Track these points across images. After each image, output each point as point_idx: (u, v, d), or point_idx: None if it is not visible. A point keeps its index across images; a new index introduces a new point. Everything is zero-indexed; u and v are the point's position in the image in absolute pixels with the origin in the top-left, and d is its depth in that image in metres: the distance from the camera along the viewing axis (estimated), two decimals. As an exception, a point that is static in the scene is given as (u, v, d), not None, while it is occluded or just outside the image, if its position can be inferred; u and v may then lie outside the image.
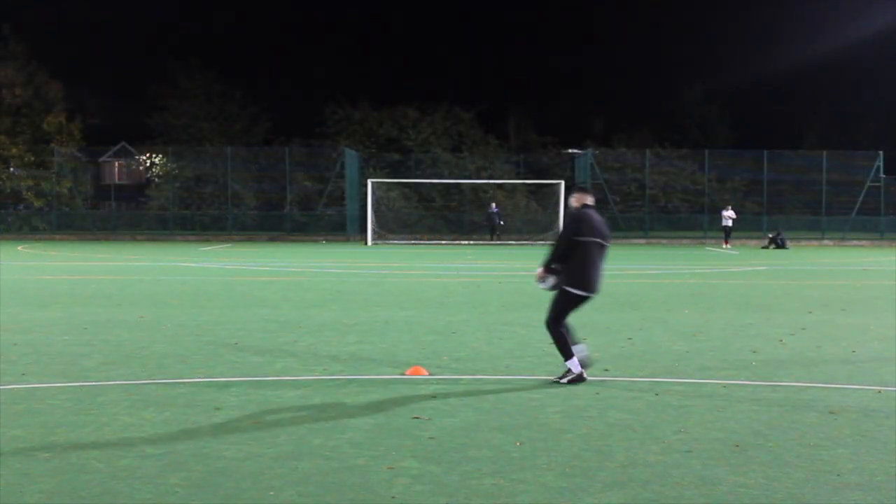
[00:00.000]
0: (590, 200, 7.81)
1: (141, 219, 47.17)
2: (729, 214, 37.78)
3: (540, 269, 7.65)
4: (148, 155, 54.53)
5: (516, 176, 48.81)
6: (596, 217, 7.67)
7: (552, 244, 7.67)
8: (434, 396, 7.10)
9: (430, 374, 7.96)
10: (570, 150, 54.13)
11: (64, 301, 14.04)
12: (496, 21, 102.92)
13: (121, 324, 11.31)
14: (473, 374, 7.96)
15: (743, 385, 7.68)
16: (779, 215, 43.01)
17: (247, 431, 5.97)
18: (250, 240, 42.05)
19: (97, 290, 15.85)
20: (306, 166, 47.03)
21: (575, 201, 7.80)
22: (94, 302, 13.96)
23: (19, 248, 33.25)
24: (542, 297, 15.24)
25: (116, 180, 61.55)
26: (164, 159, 50.08)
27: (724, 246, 37.22)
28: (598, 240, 7.55)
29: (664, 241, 42.18)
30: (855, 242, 41.64)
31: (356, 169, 45.08)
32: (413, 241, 39.90)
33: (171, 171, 47.72)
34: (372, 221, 38.49)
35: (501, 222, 41.44)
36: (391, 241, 39.10)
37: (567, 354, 7.64)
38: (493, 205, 41.91)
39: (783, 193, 46.31)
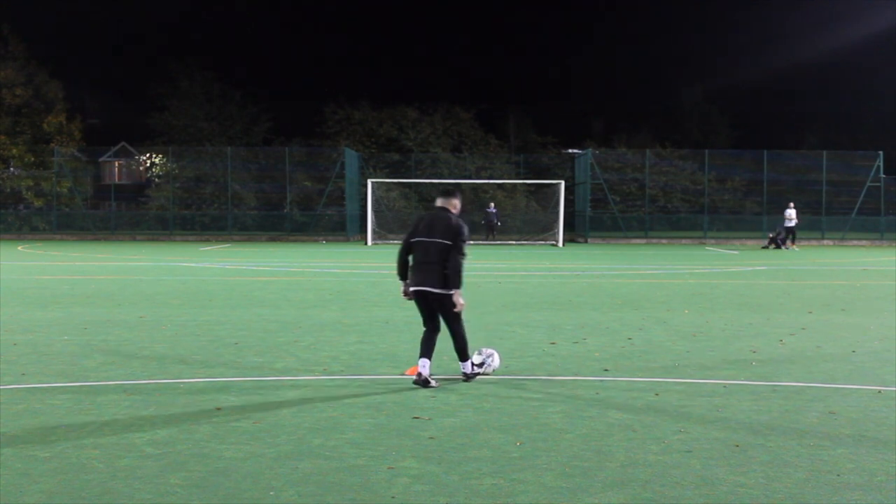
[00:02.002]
0: (440, 202, 7.83)
1: (141, 219, 47.15)
2: (791, 214, 35.78)
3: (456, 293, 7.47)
4: (148, 155, 54.52)
5: (516, 176, 48.80)
6: (427, 218, 7.71)
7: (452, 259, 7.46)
8: (434, 396, 7.10)
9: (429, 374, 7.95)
10: (570, 150, 54.14)
11: (64, 301, 14.04)
12: (496, 21, 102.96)
13: (121, 324, 11.31)
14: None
15: (743, 385, 7.68)
16: (779, 215, 42.99)
17: (247, 431, 5.98)
18: (250, 240, 42.05)
19: (97, 290, 15.85)
20: (306, 166, 47.02)
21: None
22: (94, 302, 13.96)
23: (19, 248, 33.25)
24: (542, 297, 15.30)
25: (116, 180, 61.50)
26: (164, 159, 50.07)
27: (791, 247, 35.38)
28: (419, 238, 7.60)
29: (664, 241, 42.18)
30: (855, 242, 41.63)
31: (356, 169, 45.08)
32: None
33: (171, 171, 47.70)
34: (372, 221, 38.48)
35: (499, 223, 41.45)
36: (391, 241, 39.09)
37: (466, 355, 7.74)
38: (492, 205, 41.93)
39: (783, 193, 46.30)
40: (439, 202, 7.78)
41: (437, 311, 7.55)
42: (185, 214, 45.71)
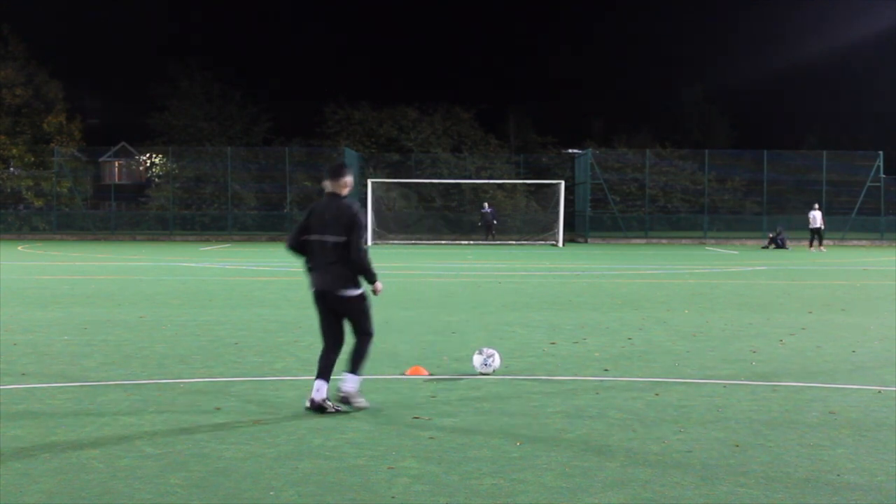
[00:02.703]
0: (328, 186, 6.72)
1: (141, 219, 47.15)
2: (817, 216, 34.41)
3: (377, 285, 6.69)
4: (148, 155, 54.51)
5: (516, 176, 48.80)
6: (318, 210, 6.67)
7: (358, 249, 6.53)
8: (434, 396, 7.10)
9: (430, 374, 7.96)
10: (570, 150, 54.12)
11: (64, 301, 14.04)
12: (496, 21, 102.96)
13: (121, 324, 11.31)
14: (473, 375, 7.96)
15: (743, 385, 7.68)
16: (779, 215, 42.98)
17: (247, 431, 5.98)
18: (250, 240, 42.05)
19: (97, 290, 15.85)
20: (306, 166, 47.02)
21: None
22: (94, 302, 13.96)
23: (19, 248, 33.25)
24: (542, 297, 15.30)
25: (116, 180, 61.48)
26: (164, 159, 50.08)
27: (816, 248, 34.27)
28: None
29: (664, 241, 42.18)
30: (855, 242, 41.63)
31: (356, 169, 45.06)
32: (413, 241, 39.90)
33: (171, 171, 47.71)
34: (372, 221, 38.46)
35: (496, 221, 41.45)
36: (391, 242, 39.09)
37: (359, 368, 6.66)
38: (486, 205, 41.94)
39: (783, 193, 46.29)
40: (328, 186, 6.66)
41: (343, 315, 6.64)
42: (185, 214, 45.71)
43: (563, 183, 39.35)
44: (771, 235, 37.17)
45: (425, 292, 15.91)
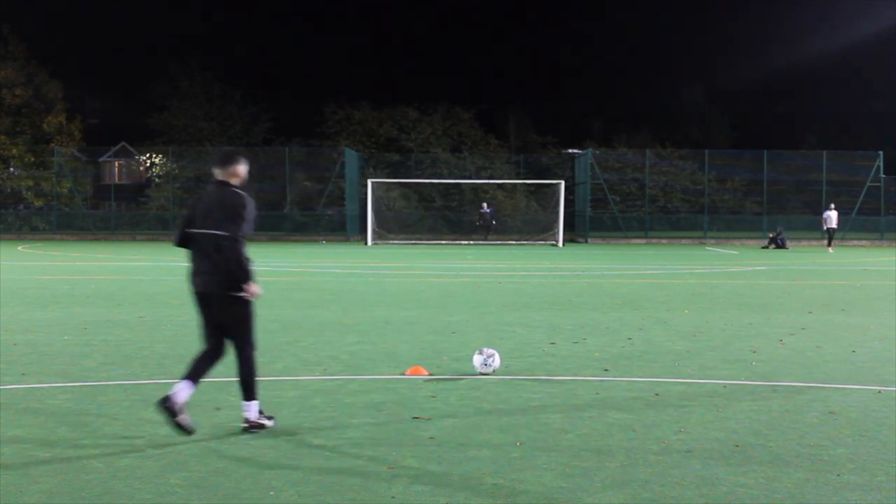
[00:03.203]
0: (218, 174, 6.02)
1: (141, 219, 47.16)
2: (832, 216, 34.35)
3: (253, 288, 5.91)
4: (148, 155, 54.52)
5: (516, 176, 48.81)
6: (204, 200, 6.00)
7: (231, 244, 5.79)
8: (434, 396, 7.10)
9: (430, 374, 7.96)
10: (570, 150, 54.15)
11: (64, 301, 14.04)
12: (496, 21, 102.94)
13: (121, 324, 11.31)
14: (473, 375, 7.96)
15: (743, 385, 7.68)
16: (779, 215, 42.97)
17: (247, 431, 5.97)
18: (250, 240, 41.84)
19: (97, 290, 15.85)
20: (306, 166, 47.04)
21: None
22: (94, 302, 13.96)
23: (19, 248, 33.24)
24: (542, 297, 15.30)
25: (116, 180, 61.51)
26: (164, 159, 50.10)
27: (829, 250, 34.22)
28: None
29: (664, 241, 42.18)
30: (855, 242, 41.63)
31: (356, 169, 45.07)
32: (413, 241, 39.90)
33: (171, 171, 47.72)
34: (372, 221, 38.47)
35: (494, 222, 41.46)
36: (391, 241, 39.09)
37: (253, 393, 6.02)
38: (486, 205, 41.94)
39: (783, 193, 46.29)
40: (217, 173, 5.98)
41: (222, 320, 5.92)
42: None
43: (563, 183, 39.36)
44: (771, 235, 37.17)
45: (425, 292, 15.91)
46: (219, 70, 55.30)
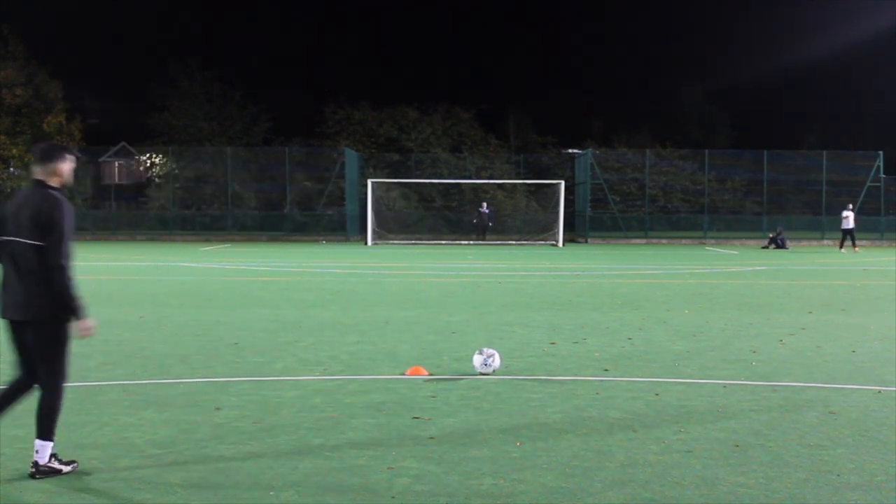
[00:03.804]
0: (37, 172, 4.98)
1: (141, 219, 47.15)
2: (850, 216, 33.69)
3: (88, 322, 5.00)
4: (148, 155, 54.51)
5: (516, 176, 48.79)
6: (15, 203, 4.98)
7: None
8: (434, 396, 7.10)
9: (430, 374, 7.96)
10: (570, 150, 54.13)
11: (64, 301, 14.02)
12: (496, 21, 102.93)
13: (121, 324, 11.31)
14: (473, 375, 7.96)
15: (743, 385, 7.68)
16: (779, 215, 42.97)
17: (247, 431, 5.98)
18: (250, 240, 42.03)
19: (97, 290, 15.84)
20: (306, 166, 47.00)
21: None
22: (94, 302, 13.91)
23: (19, 248, 33.22)
24: (542, 297, 15.31)
25: (116, 180, 61.50)
26: (164, 159, 50.09)
27: (842, 250, 33.68)
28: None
29: (664, 241, 42.18)
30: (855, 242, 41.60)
31: (356, 169, 45.05)
32: (413, 241, 39.90)
33: (171, 171, 47.71)
34: (372, 221, 38.45)
35: (491, 223, 41.46)
36: (391, 241, 39.08)
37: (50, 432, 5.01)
38: (485, 204, 41.94)
39: (783, 193, 46.28)
40: (36, 171, 4.95)
41: (31, 347, 4.98)
42: (185, 214, 45.69)
43: (563, 183, 39.34)
44: (771, 235, 37.15)
45: (425, 292, 15.91)
46: (219, 70, 55.20)
